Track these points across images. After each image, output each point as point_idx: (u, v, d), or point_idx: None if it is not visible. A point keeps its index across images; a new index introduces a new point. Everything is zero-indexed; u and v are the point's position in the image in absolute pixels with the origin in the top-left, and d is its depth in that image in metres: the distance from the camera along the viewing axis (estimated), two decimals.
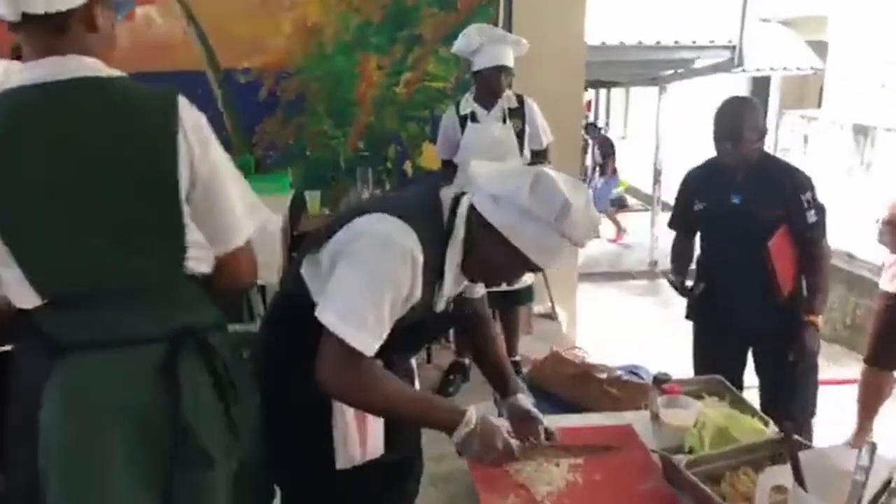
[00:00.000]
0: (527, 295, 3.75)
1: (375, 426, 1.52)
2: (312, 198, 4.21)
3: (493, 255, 1.43)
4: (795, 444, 1.02)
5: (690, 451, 1.54)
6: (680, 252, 2.77)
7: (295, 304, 1.49)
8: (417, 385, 1.79)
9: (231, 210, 1.27)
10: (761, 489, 1.08)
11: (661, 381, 1.81)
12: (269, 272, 3.71)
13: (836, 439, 3.22)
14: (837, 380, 4.31)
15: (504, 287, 1.82)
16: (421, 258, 1.36)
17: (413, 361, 1.79)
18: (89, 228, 1.16)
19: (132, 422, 1.16)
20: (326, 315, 1.32)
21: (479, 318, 1.77)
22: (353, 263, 1.34)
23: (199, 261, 1.24)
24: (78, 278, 1.17)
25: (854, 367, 4.46)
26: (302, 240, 1.64)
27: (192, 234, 1.22)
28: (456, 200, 1.47)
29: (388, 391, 1.41)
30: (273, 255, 3.66)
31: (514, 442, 1.54)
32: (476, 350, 1.82)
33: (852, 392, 3.41)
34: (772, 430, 1.59)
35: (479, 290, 1.72)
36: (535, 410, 1.65)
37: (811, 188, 2.45)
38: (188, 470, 1.20)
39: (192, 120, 1.20)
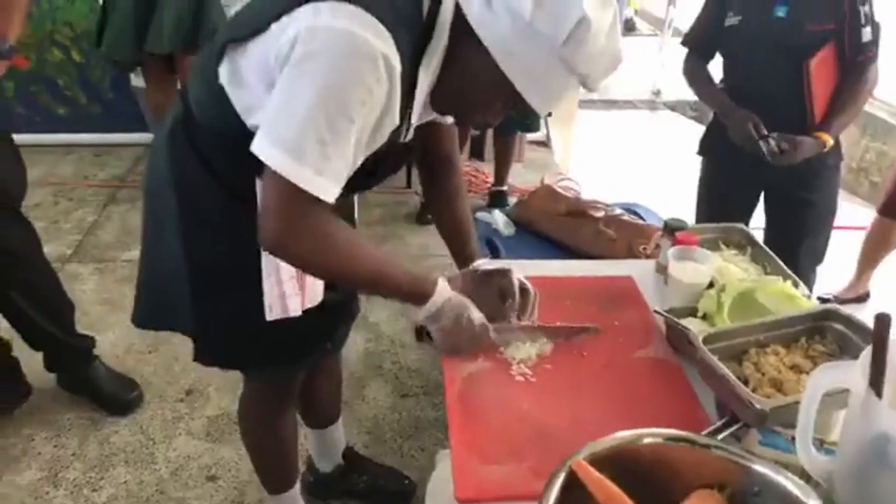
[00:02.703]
0: (527, 122, 3.39)
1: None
2: None
3: (472, 82, 1.04)
4: (885, 332, 0.73)
5: (704, 317, 1.27)
6: (702, 79, 2.36)
7: (211, 123, 1.11)
8: (356, 218, 1.46)
9: None
10: (812, 394, 0.81)
11: (673, 227, 1.51)
12: None
13: (829, 287, 3.07)
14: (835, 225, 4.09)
15: None
16: (398, 68, 0.96)
17: (355, 205, 1.44)
18: None
19: None
20: (268, 149, 0.95)
21: (447, 159, 1.39)
22: (303, 75, 0.94)
23: None
24: None
25: (854, 214, 4.23)
26: None
27: None
28: None
29: (349, 252, 1.06)
30: None
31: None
32: (435, 199, 1.43)
33: (848, 239, 3.20)
34: (803, 293, 1.32)
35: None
36: (525, 284, 1.32)
37: None
38: None
39: None
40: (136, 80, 3.42)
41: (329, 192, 0.97)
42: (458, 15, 1.01)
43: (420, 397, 2.32)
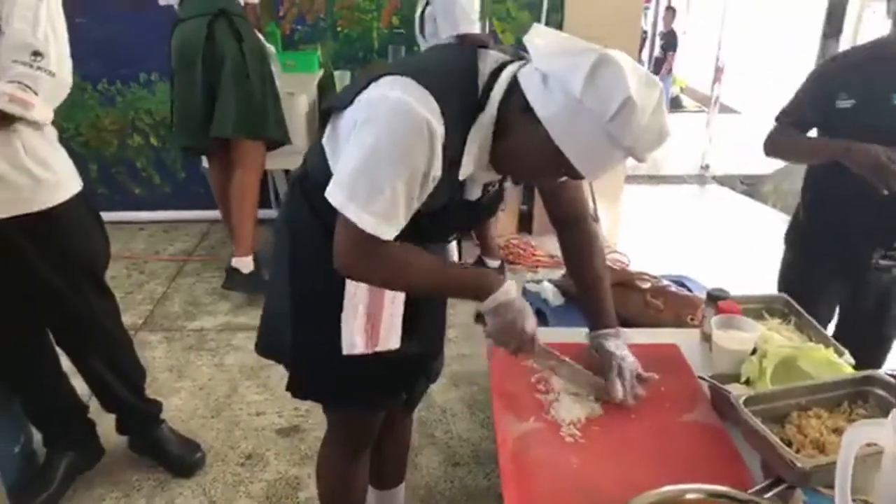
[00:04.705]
0: None
1: (392, 318, 1.35)
2: (342, 79, 3.91)
3: (528, 149, 1.17)
4: None
5: (747, 383, 1.31)
6: (795, 135, 2.02)
7: (316, 176, 1.31)
8: None
9: None
10: (847, 448, 0.85)
11: (716, 297, 1.56)
12: (297, 158, 3.51)
13: None
14: None
15: None
16: (440, 131, 1.12)
17: (453, 253, 1.59)
18: None
19: (195, 50, 3.06)
20: (335, 195, 1.16)
21: (571, 216, 1.49)
22: (361, 136, 1.14)
23: None
24: None
25: None
26: None
27: None
28: (498, 70, 1.19)
29: (410, 266, 1.24)
30: (300, 140, 3.44)
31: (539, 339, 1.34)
32: (567, 257, 1.54)
33: None
34: (847, 361, 1.35)
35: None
36: (621, 357, 1.40)
37: None
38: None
39: None
40: (206, 162, 3.70)
41: (382, 230, 1.15)
42: (517, 91, 1.15)
43: (472, 466, 2.36)
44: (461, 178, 1.21)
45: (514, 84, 1.16)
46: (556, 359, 1.42)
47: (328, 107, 1.29)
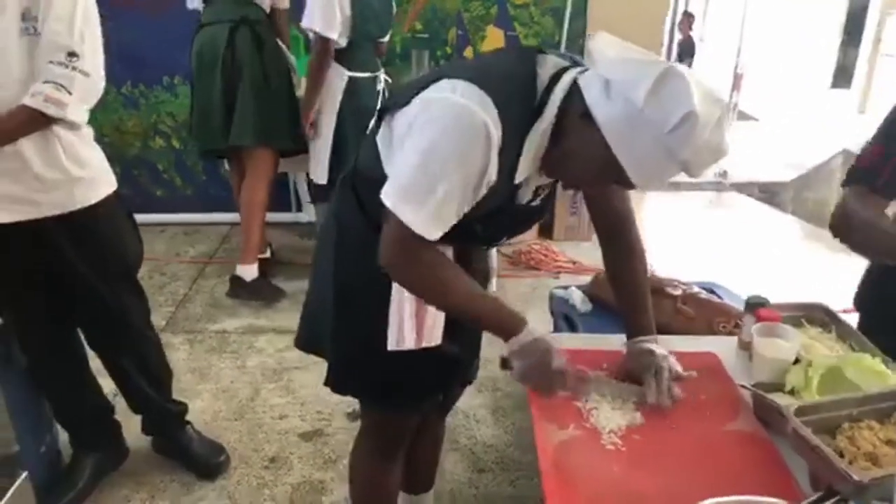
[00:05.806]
0: None
1: (436, 314, 1.34)
2: None
3: (583, 154, 1.16)
4: None
5: (791, 392, 1.29)
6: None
7: (366, 173, 1.33)
8: (494, 286, 1.59)
9: None
10: None
11: (755, 304, 1.54)
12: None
13: None
14: None
15: None
16: (497, 134, 1.12)
17: (494, 259, 1.57)
18: None
19: (215, 55, 3.14)
20: (386, 193, 1.18)
21: (617, 216, 1.45)
22: (419, 136, 1.15)
23: None
24: None
25: None
26: None
27: None
28: (557, 76, 1.18)
29: (447, 281, 1.24)
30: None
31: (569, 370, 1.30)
32: (609, 259, 1.50)
33: None
34: (894, 370, 1.32)
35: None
36: (661, 356, 1.38)
37: None
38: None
39: None
40: (228, 164, 3.72)
41: (428, 231, 1.16)
42: (577, 95, 1.14)
43: (496, 473, 2.34)
44: (516, 181, 1.21)
45: (573, 89, 1.15)
46: (592, 380, 1.39)
47: (384, 107, 1.29)
